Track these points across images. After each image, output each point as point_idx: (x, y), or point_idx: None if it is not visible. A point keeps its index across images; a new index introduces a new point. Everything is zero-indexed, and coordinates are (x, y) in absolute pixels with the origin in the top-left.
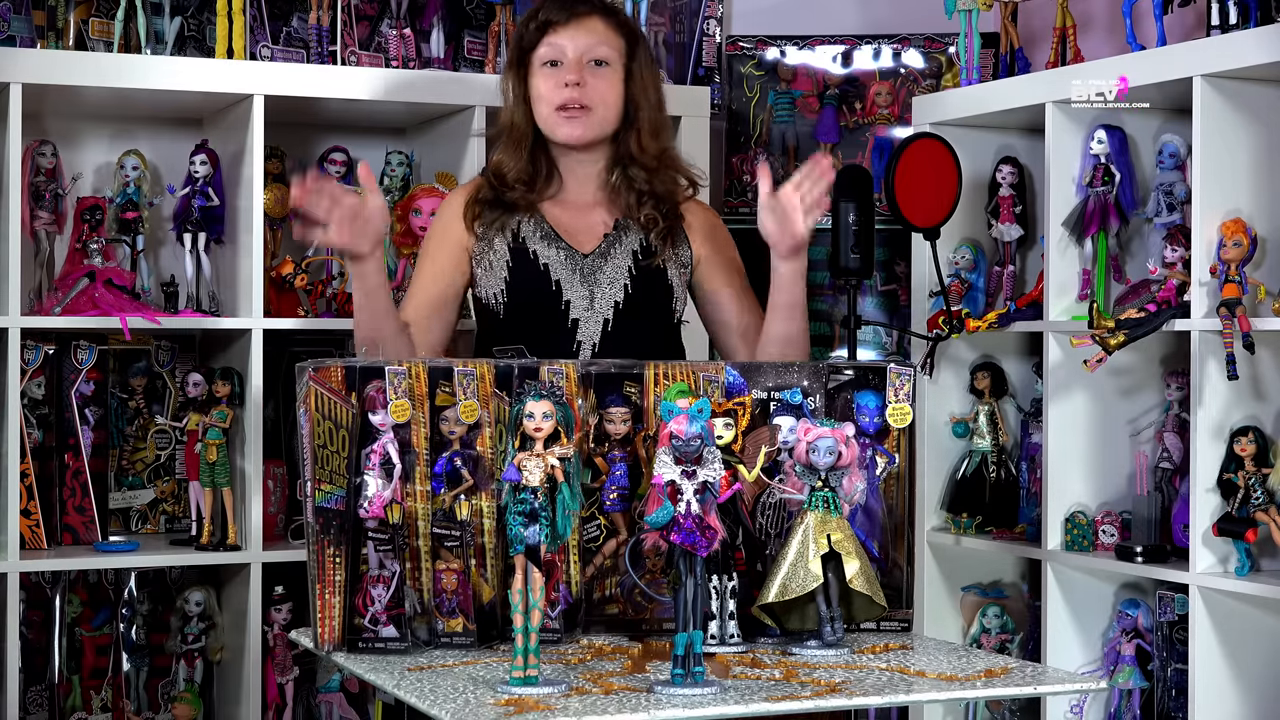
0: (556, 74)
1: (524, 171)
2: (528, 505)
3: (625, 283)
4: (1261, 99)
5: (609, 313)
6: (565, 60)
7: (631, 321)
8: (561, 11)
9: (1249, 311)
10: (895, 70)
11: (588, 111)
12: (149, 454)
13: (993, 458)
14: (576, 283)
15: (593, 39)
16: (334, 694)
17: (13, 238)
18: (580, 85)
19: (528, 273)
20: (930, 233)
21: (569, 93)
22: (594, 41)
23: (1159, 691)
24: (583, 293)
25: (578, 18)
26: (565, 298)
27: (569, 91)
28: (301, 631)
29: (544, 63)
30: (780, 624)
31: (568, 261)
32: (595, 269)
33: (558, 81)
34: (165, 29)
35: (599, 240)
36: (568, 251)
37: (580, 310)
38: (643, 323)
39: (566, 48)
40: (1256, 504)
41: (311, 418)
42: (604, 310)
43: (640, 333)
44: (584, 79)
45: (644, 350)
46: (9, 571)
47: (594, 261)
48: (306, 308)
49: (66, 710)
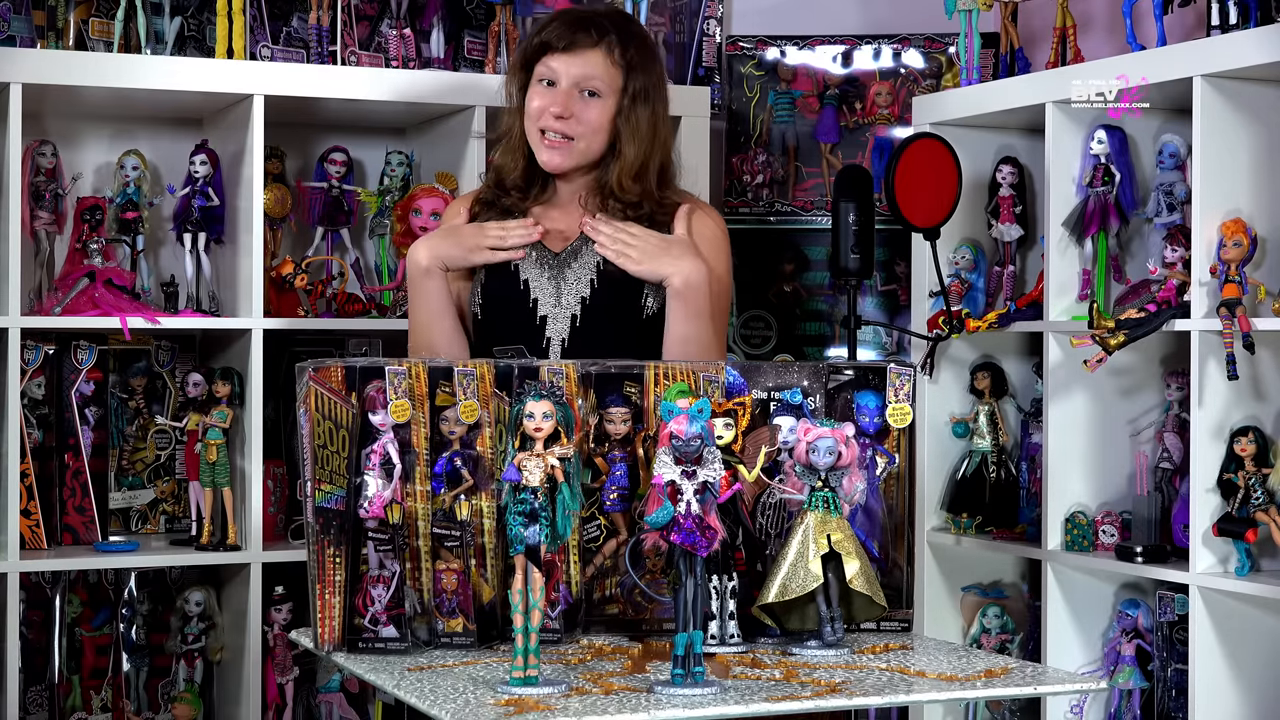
0: (548, 95)
1: (521, 178)
2: (528, 505)
3: (591, 278)
4: (1261, 99)
5: (576, 309)
6: (558, 85)
7: (600, 317)
8: (562, 38)
9: (1249, 311)
10: (895, 70)
11: (568, 144)
12: (149, 454)
13: (993, 458)
14: (544, 280)
15: (587, 70)
16: (334, 694)
17: (13, 238)
18: (564, 118)
19: (500, 273)
20: (930, 233)
21: (553, 122)
22: (588, 74)
23: (1159, 691)
24: (550, 290)
25: (576, 48)
26: (533, 295)
27: (550, 120)
28: (301, 631)
29: (540, 79)
30: (780, 624)
31: (538, 260)
32: (563, 266)
33: (547, 104)
34: (165, 29)
35: (572, 239)
36: (539, 251)
37: (548, 307)
38: (611, 319)
39: (560, 75)
40: (1256, 504)
41: (311, 418)
42: (570, 306)
43: (608, 330)
44: (570, 110)
45: (615, 347)
46: (9, 571)
47: (563, 259)
48: (306, 308)
49: (66, 710)
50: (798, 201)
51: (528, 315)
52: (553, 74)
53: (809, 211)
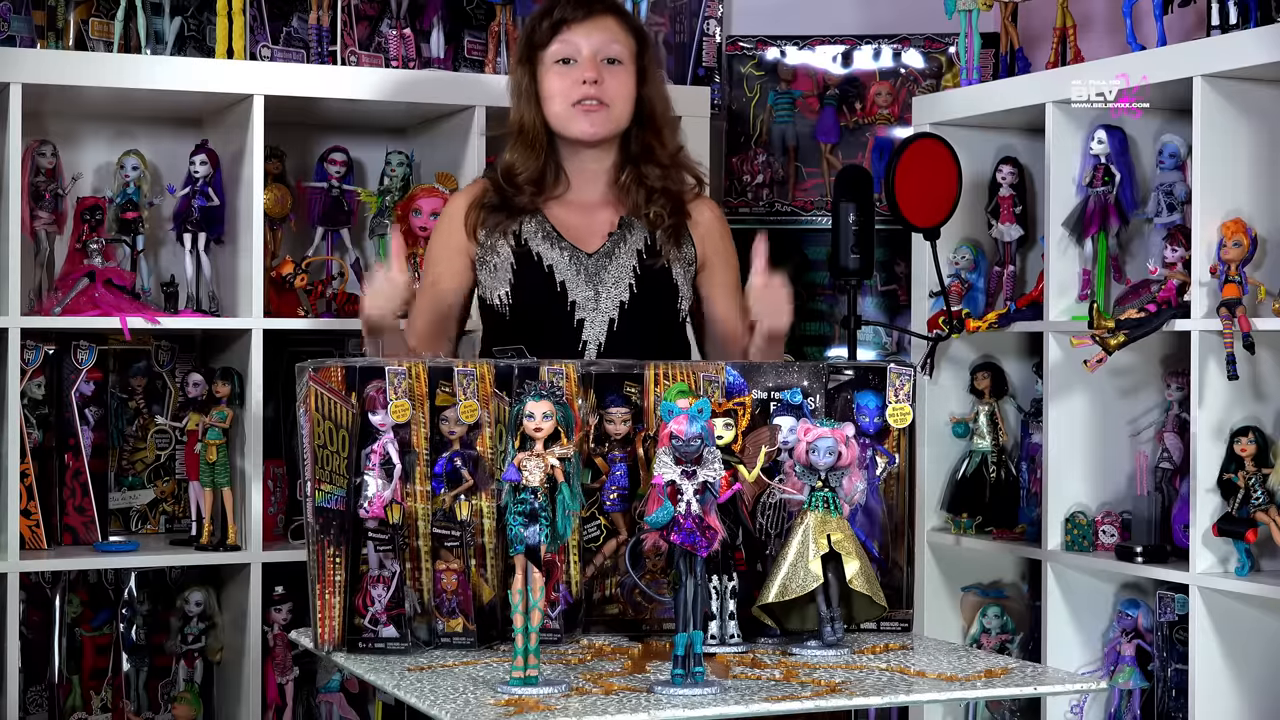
0: (571, 71)
1: (536, 172)
2: (528, 505)
3: (630, 282)
4: (1261, 99)
5: (614, 312)
6: (580, 58)
7: (637, 320)
8: (577, 10)
9: (1249, 311)
10: (895, 70)
11: (605, 108)
12: (149, 454)
13: (993, 458)
14: (581, 283)
15: (607, 36)
16: (334, 694)
17: (13, 238)
18: (598, 83)
19: (532, 275)
20: (930, 233)
21: (587, 89)
22: (608, 39)
23: (1159, 691)
24: (588, 293)
25: (593, 16)
26: (571, 298)
27: (586, 88)
28: (301, 631)
29: (557, 60)
30: (780, 624)
31: (572, 262)
32: (600, 268)
33: (574, 79)
34: (165, 29)
35: (603, 239)
36: (572, 252)
37: (586, 310)
38: (648, 321)
39: (581, 46)
40: (1256, 504)
41: (311, 418)
42: (609, 310)
43: (646, 331)
44: (600, 75)
45: (650, 349)
46: (9, 571)
47: (599, 261)
48: (306, 308)
49: (66, 710)
50: (798, 201)
51: (565, 318)
52: (572, 49)
53: (809, 211)
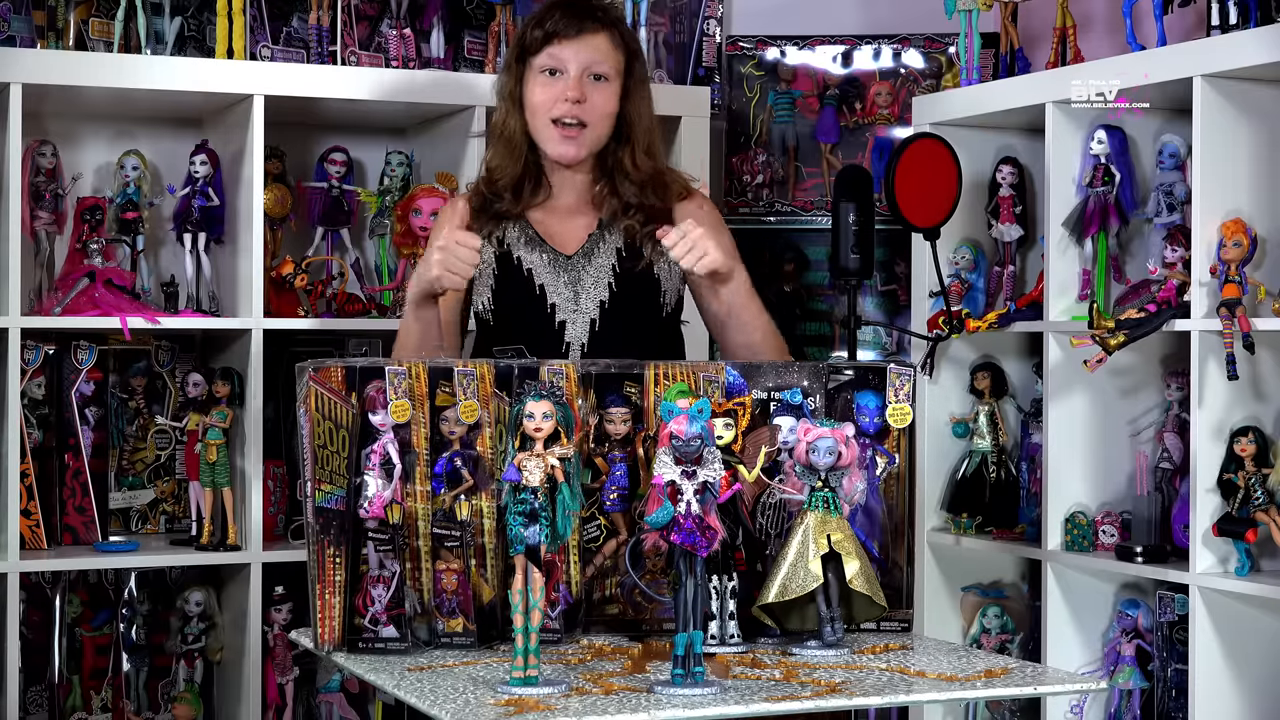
0: (556, 84)
1: (514, 179)
2: (528, 505)
3: (609, 281)
4: (1261, 99)
5: (595, 313)
6: (566, 73)
7: (619, 320)
8: (569, 26)
9: (1249, 311)
10: (895, 70)
11: (582, 131)
12: (149, 454)
13: (993, 458)
14: (561, 285)
15: (595, 55)
16: (334, 694)
17: (13, 238)
18: (580, 102)
19: (513, 279)
20: (930, 233)
21: (567, 108)
22: (597, 58)
23: (1159, 691)
24: (567, 294)
25: (584, 33)
26: (550, 300)
27: (568, 106)
28: (301, 631)
29: (543, 70)
30: (780, 624)
31: (551, 264)
32: (579, 269)
33: (556, 94)
34: (165, 29)
35: (582, 241)
36: (551, 254)
37: (566, 312)
38: (630, 321)
39: (569, 61)
40: (1256, 504)
41: (311, 418)
42: (590, 311)
43: (629, 331)
44: (584, 94)
45: (635, 348)
46: (9, 571)
47: (577, 262)
48: (306, 308)
49: (66, 710)
50: (798, 201)
51: (545, 320)
52: (559, 63)
53: (809, 211)
